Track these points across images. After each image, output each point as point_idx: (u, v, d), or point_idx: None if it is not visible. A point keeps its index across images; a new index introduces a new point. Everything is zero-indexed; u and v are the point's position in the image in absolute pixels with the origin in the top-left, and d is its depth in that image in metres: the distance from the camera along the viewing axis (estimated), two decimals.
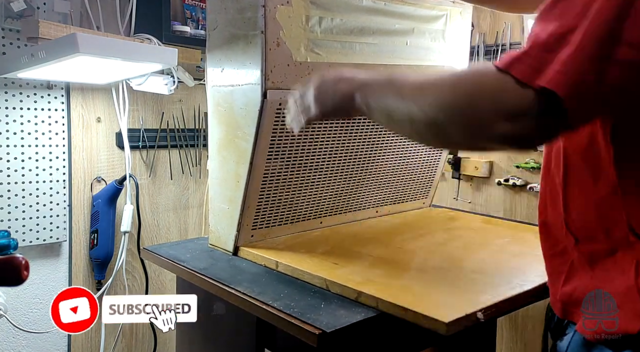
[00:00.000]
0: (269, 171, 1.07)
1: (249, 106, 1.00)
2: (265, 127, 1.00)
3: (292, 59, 1.00)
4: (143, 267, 1.57)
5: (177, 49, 1.17)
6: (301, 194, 1.16)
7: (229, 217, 1.09)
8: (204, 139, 1.67)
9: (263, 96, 0.97)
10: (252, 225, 1.10)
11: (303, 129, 0.83)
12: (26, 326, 1.38)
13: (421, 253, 1.07)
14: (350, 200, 1.29)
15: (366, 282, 0.87)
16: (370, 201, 1.34)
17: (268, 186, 1.08)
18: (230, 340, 0.98)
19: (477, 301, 0.79)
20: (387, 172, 1.33)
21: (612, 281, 0.68)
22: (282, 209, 1.14)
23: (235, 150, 1.05)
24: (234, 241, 1.09)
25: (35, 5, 1.25)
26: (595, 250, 0.70)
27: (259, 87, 0.97)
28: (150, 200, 1.60)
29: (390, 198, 1.39)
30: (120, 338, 1.55)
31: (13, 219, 1.32)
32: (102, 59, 1.03)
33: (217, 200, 1.13)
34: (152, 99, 1.57)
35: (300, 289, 0.89)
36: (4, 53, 1.26)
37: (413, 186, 1.43)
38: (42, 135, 1.35)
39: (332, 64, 1.05)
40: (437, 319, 0.73)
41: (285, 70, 0.99)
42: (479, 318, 0.76)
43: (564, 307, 0.73)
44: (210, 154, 1.14)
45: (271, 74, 0.97)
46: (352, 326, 0.76)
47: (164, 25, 1.47)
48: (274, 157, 1.06)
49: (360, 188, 1.29)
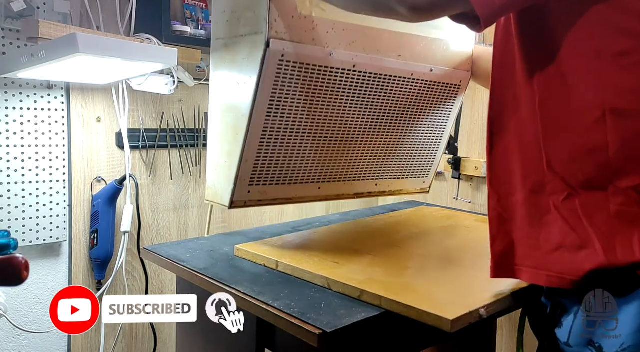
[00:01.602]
0: (268, 127, 1.05)
1: (251, 56, 0.99)
2: (266, 79, 0.99)
3: (296, 11, 0.98)
4: (143, 267, 1.57)
5: (177, 49, 1.17)
6: (300, 155, 1.14)
7: (227, 170, 1.07)
8: (204, 139, 1.67)
9: (266, 45, 0.95)
10: (249, 180, 1.08)
11: None
12: (26, 326, 1.38)
13: (418, 251, 1.08)
14: (350, 169, 1.27)
15: (368, 281, 0.88)
16: (370, 173, 1.32)
17: (267, 142, 1.06)
18: (230, 340, 0.98)
19: (479, 298, 0.81)
20: (389, 144, 1.31)
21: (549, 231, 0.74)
22: (280, 168, 1.12)
23: (236, 103, 1.04)
24: (231, 194, 1.07)
25: (35, 5, 1.25)
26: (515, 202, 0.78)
27: (262, 36, 0.96)
28: (150, 200, 1.60)
29: (390, 172, 1.37)
30: (120, 338, 1.55)
31: (13, 219, 1.32)
32: (102, 58, 1.03)
33: (215, 155, 1.11)
34: (152, 99, 1.57)
35: (300, 289, 0.89)
36: (4, 53, 1.26)
37: (414, 163, 1.42)
38: (42, 135, 1.35)
39: (336, 23, 1.04)
40: (441, 317, 0.74)
41: (290, 22, 0.98)
42: (482, 315, 0.77)
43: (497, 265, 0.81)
44: (210, 109, 1.13)
45: (275, 24, 0.95)
46: (352, 325, 0.76)
47: (164, 25, 1.47)
48: (273, 112, 1.04)
49: (360, 158, 1.27)
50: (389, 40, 1.12)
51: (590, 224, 0.70)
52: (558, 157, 0.72)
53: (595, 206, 0.69)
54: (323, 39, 1.02)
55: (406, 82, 1.18)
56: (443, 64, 1.22)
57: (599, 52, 0.68)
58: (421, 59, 1.18)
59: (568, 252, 0.71)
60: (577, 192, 0.71)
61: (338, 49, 1.05)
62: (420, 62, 1.18)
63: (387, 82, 1.15)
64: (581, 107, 0.69)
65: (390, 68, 1.13)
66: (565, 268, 0.72)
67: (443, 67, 1.22)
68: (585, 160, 0.70)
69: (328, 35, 1.03)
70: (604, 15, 0.67)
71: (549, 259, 0.74)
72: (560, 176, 0.72)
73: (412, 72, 1.18)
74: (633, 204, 0.67)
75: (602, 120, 0.68)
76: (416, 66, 1.18)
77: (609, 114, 0.67)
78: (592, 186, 0.70)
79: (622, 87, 0.67)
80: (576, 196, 0.71)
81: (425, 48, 1.18)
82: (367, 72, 1.10)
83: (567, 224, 0.72)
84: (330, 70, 1.05)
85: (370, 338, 0.85)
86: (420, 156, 1.42)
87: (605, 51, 0.67)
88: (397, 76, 1.16)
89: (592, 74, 0.68)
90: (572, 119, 0.70)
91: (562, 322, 0.75)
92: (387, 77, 1.14)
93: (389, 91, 1.17)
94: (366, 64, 1.09)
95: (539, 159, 0.74)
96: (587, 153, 0.70)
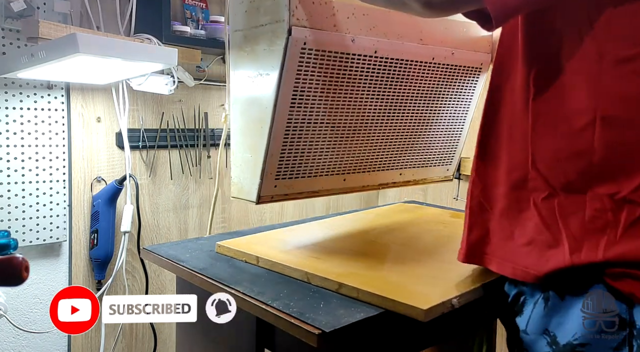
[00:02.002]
0: (292, 119, 1.03)
1: (273, 46, 0.97)
2: (289, 69, 0.97)
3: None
4: (143, 267, 1.57)
5: (177, 49, 1.17)
6: (325, 147, 1.13)
7: (252, 165, 1.06)
8: (204, 139, 1.67)
9: (288, 33, 0.93)
10: (275, 174, 1.07)
11: None
12: (26, 326, 1.38)
13: (395, 246, 1.11)
14: (374, 159, 1.26)
15: (346, 274, 0.90)
16: (394, 162, 1.31)
17: (292, 135, 1.05)
18: (230, 340, 0.98)
19: (452, 289, 0.83)
20: (412, 132, 1.30)
21: (523, 225, 0.76)
22: (306, 161, 1.11)
23: (259, 93, 1.02)
24: (258, 190, 1.05)
25: (35, 5, 1.25)
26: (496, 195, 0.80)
27: (284, 23, 0.93)
28: (150, 200, 1.60)
29: (414, 161, 1.37)
30: (120, 338, 1.55)
31: (13, 219, 1.32)
32: (102, 58, 1.03)
33: (240, 150, 1.09)
34: (152, 99, 1.57)
35: (299, 289, 0.89)
36: (4, 53, 1.26)
37: (437, 150, 1.40)
38: (42, 135, 1.35)
39: (356, 7, 1.02)
40: (415, 307, 0.77)
41: (311, 8, 0.96)
42: (454, 305, 0.80)
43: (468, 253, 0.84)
44: (232, 104, 1.10)
45: (296, 10, 0.93)
46: (351, 325, 0.76)
47: (164, 25, 1.47)
48: (297, 103, 1.02)
49: (384, 147, 1.26)
50: (410, 25, 1.10)
51: (564, 226, 0.71)
52: (543, 157, 0.73)
53: (572, 209, 0.71)
54: (344, 25, 1.01)
55: (428, 67, 1.17)
56: (464, 46, 1.21)
57: (601, 56, 0.68)
58: (442, 43, 1.16)
59: (537, 248, 0.74)
60: (557, 193, 0.72)
61: (359, 34, 1.03)
62: (441, 46, 1.17)
63: (408, 67, 1.13)
64: (573, 110, 0.70)
65: (411, 52, 1.12)
66: (531, 263, 0.74)
67: (464, 49, 1.21)
68: (569, 163, 0.71)
69: (349, 21, 1.01)
70: (610, 20, 0.67)
71: (518, 252, 0.76)
72: (543, 175, 0.73)
73: (434, 56, 1.16)
74: (607, 211, 0.68)
75: (592, 126, 0.68)
76: (437, 50, 1.16)
77: (600, 120, 0.67)
78: (572, 189, 0.71)
79: (618, 94, 0.67)
80: (556, 197, 0.73)
81: (446, 31, 1.17)
82: (389, 57, 1.09)
83: (543, 222, 0.74)
84: (352, 57, 1.03)
85: (370, 338, 0.85)
86: (444, 143, 1.40)
87: (607, 56, 0.67)
88: (419, 61, 1.14)
89: (591, 77, 0.68)
90: (562, 120, 0.71)
91: (523, 310, 0.77)
92: (409, 62, 1.12)
93: (410, 76, 1.15)
94: (388, 50, 1.07)
95: (525, 156, 0.75)
96: (571, 156, 0.70)
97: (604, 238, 0.68)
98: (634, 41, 0.66)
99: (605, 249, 0.68)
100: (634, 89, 0.66)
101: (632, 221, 0.67)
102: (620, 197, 0.67)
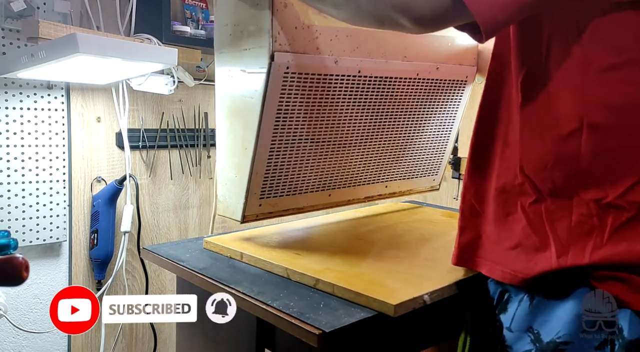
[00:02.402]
0: (277, 139, 1.05)
1: (256, 70, 0.98)
2: (272, 92, 0.98)
3: (300, 22, 0.98)
4: (143, 267, 1.57)
5: (177, 49, 1.17)
6: (309, 165, 1.14)
7: (237, 184, 1.08)
8: (204, 139, 1.67)
9: (270, 59, 0.95)
10: (260, 193, 1.08)
11: None
12: (26, 326, 1.38)
13: (380, 244, 1.11)
14: (359, 173, 1.27)
15: (324, 270, 0.91)
16: (379, 176, 1.33)
17: (276, 154, 1.06)
18: (230, 340, 0.98)
19: (426, 286, 0.84)
20: (397, 146, 1.31)
21: (510, 229, 0.77)
22: (291, 179, 1.12)
23: (242, 117, 1.04)
24: (243, 209, 1.07)
25: (35, 5, 1.25)
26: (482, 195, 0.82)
27: (266, 49, 0.95)
28: (150, 200, 1.60)
29: (400, 173, 1.38)
30: (120, 338, 1.55)
31: (13, 219, 1.32)
32: (102, 58, 1.03)
33: (225, 168, 1.11)
34: (152, 99, 1.57)
35: (299, 289, 0.89)
36: (4, 53, 1.26)
37: (423, 162, 1.41)
38: (42, 135, 1.35)
39: (339, 30, 1.03)
40: (386, 302, 0.78)
41: (293, 33, 0.97)
42: (426, 301, 0.81)
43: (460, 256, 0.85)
44: (218, 123, 1.13)
45: (279, 36, 0.95)
46: (351, 325, 0.76)
47: (164, 25, 1.47)
48: (281, 124, 1.03)
49: (369, 162, 1.27)
50: (394, 42, 1.11)
51: (551, 230, 0.72)
52: (530, 162, 0.74)
53: (559, 214, 0.72)
54: (327, 47, 1.02)
55: (413, 82, 1.18)
56: (448, 61, 1.21)
57: (587, 64, 0.68)
58: (427, 58, 1.17)
59: (525, 252, 0.75)
60: (544, 198, 0.73)
61: (342, 55, 1.04)
62: (425, 61, 1.17)
63: (393, 84, 1.14)
64: (560, 117, 0.71)
65: (395, 70, 1.13)
66: (519, 267, 0.75)
67: (449, 64, 1.22)
68: (556, 170, 0.72)
69: (332, 43, 1.02)
70: (598, 29, 0.67)
71: (507, 255, 0.77)
72: (530, 180, 0.74)
73: (418, 71, 1.17)
74: (593, 216, 0.69)
75: (578, 132, 0.69)
76: (421, 66, 1.17)
77: (586, 127, 0.68)
78: (559, 194, 0.72)
79: (603, 101, 0.68)
80: (543, 202, 0.74)
81: (430, 46, 1.17)
82: (372, 76, 1.10)
83: (530, 226, 0.75)
84: (335, 78, 1.05)
85: (370, 338, 0.85)
86: (430, 154, 1.41)
87: (593, 64, 0.68)
88: (403, 78, 1.15)
89: (577, 84, 0.69)
90: (549, 127, 0.72)
91: (507, 308, 0.78)
92: (393, 79, 1.13)
93: (395, 93, 1.16)
94: (371, 68, 1.09)
95: (515, 161, 0.76)
96: (558, 162, 0.71)
97: (590, 242, 0.69)
98: (620, 50, 0.66)
99: (592, 252, 0.69)
100: (619, 97, 0.67)
101: (617, 226, 0.68)
102: (606, 203, 0.68)
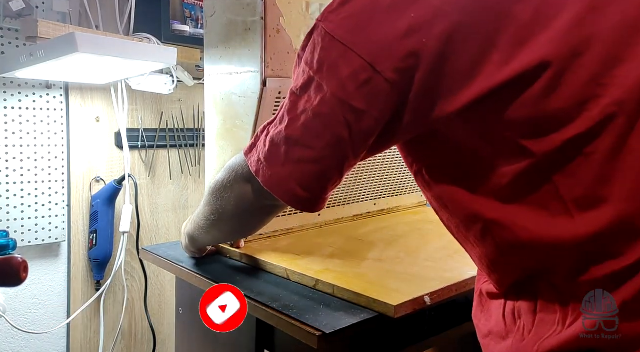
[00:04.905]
0: None
1: (247, 94, 0.99)
2: (264, 116, 0.99)
3: (292, 47, 0.98)
4: (142, 268, 1.57)
5: (176, 49, 1.16)
6: None
7: None
8: (204, 139, 1.67)
9: (262, 84, 0.95)
10: None
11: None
12: (25, 327, 1.38)
13: (380, 244, 1.11)
14: (347, 192, 1.28)
15: (324, 271, 0.91)
16: (368, 194, 1.34)
17: None
18: (230, 341, 0.98)
19: (426, 286, 0.84)
20: (384, 163, 1.32)
21: None
22: None
23: (233, 140, 1.04)
24: None
25: (34, 4, 1.24)
26: None
27: (258, 74, 0.95)
28: (149, 200, 1.59)
29: (388, 190, 1.38)
30: (119, 338, 1.55)
31: (12, 219, 1.31)
32: (101, 58, 1.03)
33: None
34: (151, 99, 1.56)
35: (299, 290, 0.89)
36: (3, 52, 1.26)
37: (410, 178, 1.42)
38: (41, 134, 1.35)
39: None
40: (386, 303, 0.77)
41: (285, 58, 0.97)
42: (426, 302, 0.81)
43: None
44: (207, 144, 1.13)
45: (271, 62, 0.95)
46: (351, 327, 0.76)
47: (163, 24, 1.47)
48: None
49: (357, 181, 1.28)
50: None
51: (517, 319, 0.66)
52: (475, 261, 0.70)
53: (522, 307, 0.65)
54: None
55: None
56: None
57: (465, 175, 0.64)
58: None
59: (494, 341, 0.68)
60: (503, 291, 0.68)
61: None
62: None
63: None
64: (465, 221, 0.66)
65: None
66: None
67: None
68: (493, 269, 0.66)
69: None
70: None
71: (482, 343, 0.71)
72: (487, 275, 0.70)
73: None
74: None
75: (488, 231, 0.63)
76: None
77: (490, 225, 0.62)
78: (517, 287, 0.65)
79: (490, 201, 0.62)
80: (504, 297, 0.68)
81: None
82: None
83: (501, 316, 0.68)
84: None
85: (370, 339, 0.85)
86: None
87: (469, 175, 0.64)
88: None
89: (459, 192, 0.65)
90: (466, 231, 0.67)
91: None
92: None
93: None
94: None
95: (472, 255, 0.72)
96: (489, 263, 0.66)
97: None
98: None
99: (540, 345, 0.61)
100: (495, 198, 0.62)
101: None
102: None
